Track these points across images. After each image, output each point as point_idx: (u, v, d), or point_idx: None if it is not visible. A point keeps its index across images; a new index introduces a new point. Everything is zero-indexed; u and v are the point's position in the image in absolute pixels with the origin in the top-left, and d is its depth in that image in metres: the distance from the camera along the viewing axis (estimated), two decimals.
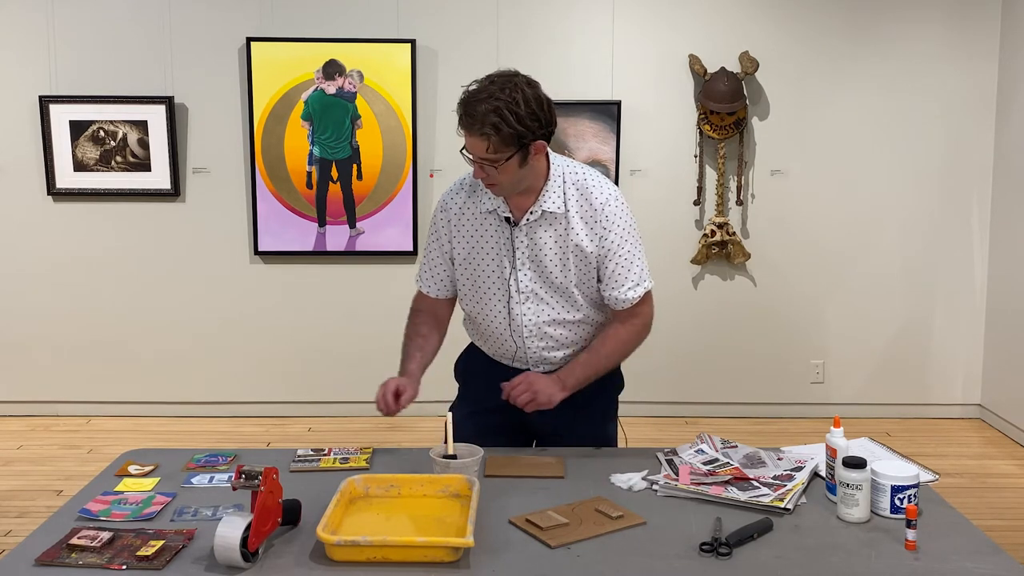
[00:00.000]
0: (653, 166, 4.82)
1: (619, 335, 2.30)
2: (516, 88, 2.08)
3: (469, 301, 2.35)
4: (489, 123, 2.04)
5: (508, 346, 2.33)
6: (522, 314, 2.27)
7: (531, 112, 2.09)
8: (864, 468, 1.86)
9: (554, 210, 2.20)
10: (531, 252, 2.23)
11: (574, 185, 2.23)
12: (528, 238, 2.22)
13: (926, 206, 4.88)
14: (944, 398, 5.01)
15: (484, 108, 2.04)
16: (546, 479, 2.10)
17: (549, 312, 2.27)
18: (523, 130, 2.08)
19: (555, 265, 2.23)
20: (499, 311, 2.29)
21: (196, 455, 2.25)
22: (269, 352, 4.93)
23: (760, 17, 4.74)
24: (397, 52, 4.68)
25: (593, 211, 2.21)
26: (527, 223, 2.22)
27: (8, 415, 4.95)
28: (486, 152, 2.08)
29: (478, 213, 2.26)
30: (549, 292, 2.26)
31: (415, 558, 1.68)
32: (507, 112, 2.05)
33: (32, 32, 4.69)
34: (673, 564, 1.70)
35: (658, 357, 4.96)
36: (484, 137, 2.06)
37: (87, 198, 4.81)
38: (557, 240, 2.22)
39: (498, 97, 2.05)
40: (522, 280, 2.24)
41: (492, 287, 2.28)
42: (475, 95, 2.07)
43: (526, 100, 2.09)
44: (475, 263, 2.28)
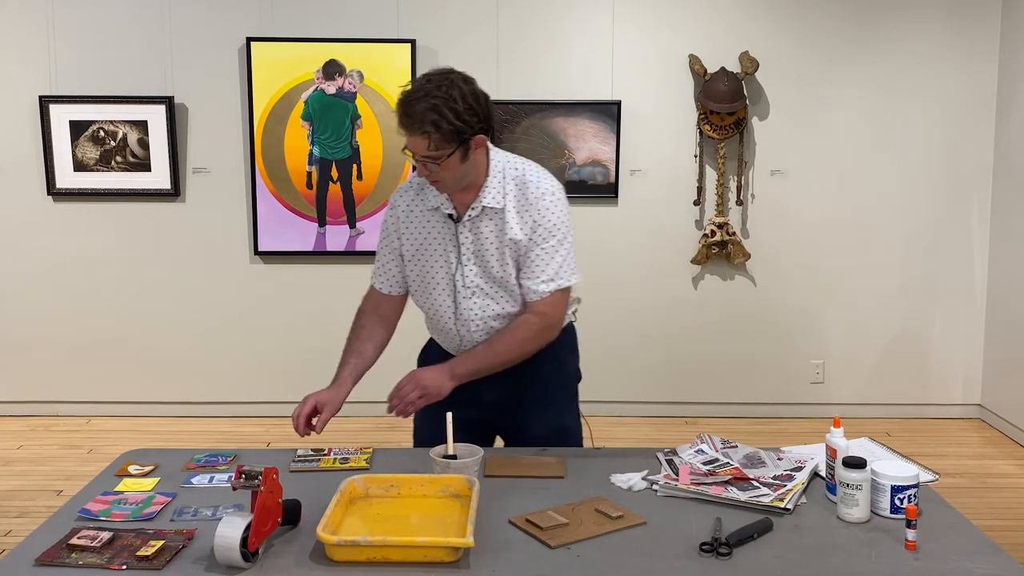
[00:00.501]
0: (653, 166, 4.82)
1: (517, 334, 2.28)
2: (452, 85, 2.11)
3: (419, 297, 2.39)
4: (428, 121, 2.07)
5: (455, 340, 2.37)
6: (468, 308, 2.30)
7: (468, 107, 2.11)
8: (864, 468, 1.86)
9: (494, 205, 2.24)
10: (475, 247, 2.27)
11: (513, 180, 2.26)
12: (471, 233, 2.26)
13: (926, 206, 4.88)
14: (944, 398, 5.01)
15: (422, 107, 2.07)
16: (546, 479, 2.10)
17: (494, 307, 2.30)
18: (462, 125, 2.10)
19: (496, 260, 2.26)
20: (447, 306, 2.33)
21: (196, 455, 2.25)
22: (269, 352, 4.93)
23: (760, 17, 4.74)
24: (397, 52, 4.68)
25: (527, 204, 2.24)
26: (469, 219, 2.25)
27: (8, 415, 4.95)
28: (428, 150, 2.11)
29: (424, 210, 2.30)
30: (493, 286, 2.29)
31: (415, 558, 1.68)
32: (445, 109, 2.07)
33: (32, 32, 4.69)
34: (673, 564, 1.70)
35: (658, 357, 4.97)
36: (425, 135, 2.09)
37: (87, 198, 4.81)
38: (497, 235, 2.25)
39: (435, 95, 2.08)
40: (467, 275, 2.28)
41: (440, 283, 2.32)
42: (412, 95, 2.10)
43: (463, 96, 2.11)
44: (423, 259, 2.32)
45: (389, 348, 2.44)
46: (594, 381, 4.91)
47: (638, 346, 4.94)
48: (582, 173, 4.78)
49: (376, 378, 2.54)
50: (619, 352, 4.95)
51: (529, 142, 4.73)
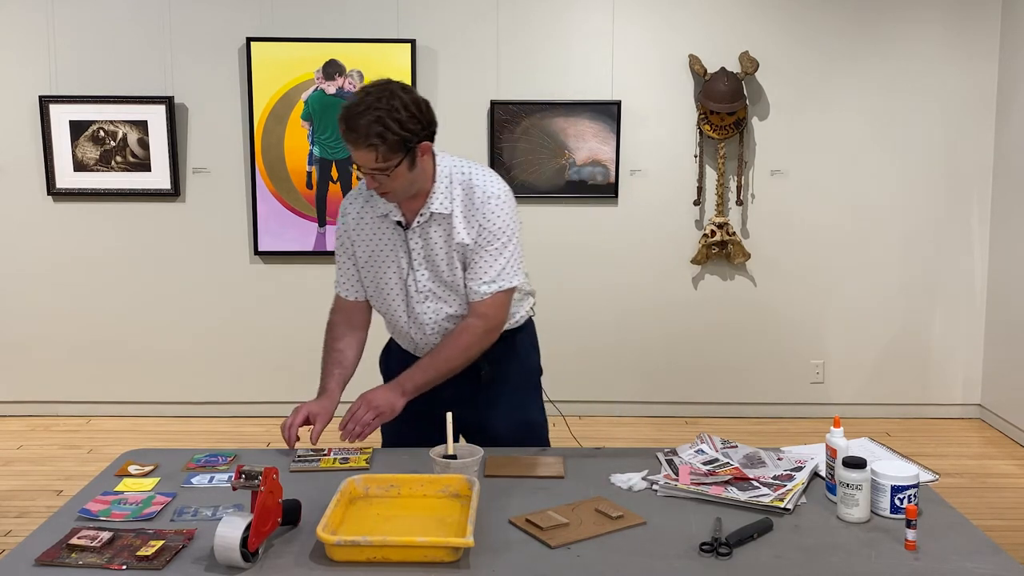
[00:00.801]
0: (653, 166, 4.82)
1: (461, 340, 2.30)
2: (393, 95, 2.11)
3: (374, 301, 2.42)
4: (374, 133, 2.08)
5: (411, 342, 2.42)
6: (422, 312, 2.33)
7: (411, 115, 2.13)
8: (864, 468, 1.86)
9: (442, 211, 2.26)
10: (425, 253, 2.29)
11: (460, 184, 2.28)
12: (421, 239, 2.29)
13: (926, 206, 4.88)
14: (944, 398, 5.01)
15: (366, 120, 2.08)
16: (546, 479, 2.10)
17: (447, 309, 2.33)
18: (407, 135, 2.12)
19: (445, 264, 2.29)
20: (400, 310, 2.36)
21: (196, 455, 2.26)
22: (269, 352, 4.93)
23: (760, 17, 4.74)
24: (397, 52, 4.68)
25: (474, 208, 2.26)
26: (418, 225, 2.27)
27: (8, 415, 4.95)
28: (376, 162, 2.12)
29: (374, 218, 2.33)
30: (445, 290, 2.32)
31: (415, 558, 1.68)
32: (389, 120, 2.08)
33: (32, 32, 4.69)
34: (673, 564, 1.70)
35: (658, 357, 4.97)
36: (371, 148, 2.10)
37: (87, 198, 4.81)
38: (446, 240, 2.28)
39: (377, 107, 2.08)
40: (419, 280, 2.31)
41: (394, 288, 2.34)
42: (354, 109, 2.10)
43: (404, 105, 2.12)
44: (376, 266, 2.35)
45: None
46: (594, 381, 4.97)
47: (638, 346, 4.95)
48: (582, 173, 4.78)
49: (375, 379, 2.54)
50: (619, 352, 4.95)
51: (529, 142, 4.73)
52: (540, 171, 4.76)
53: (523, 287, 2.42)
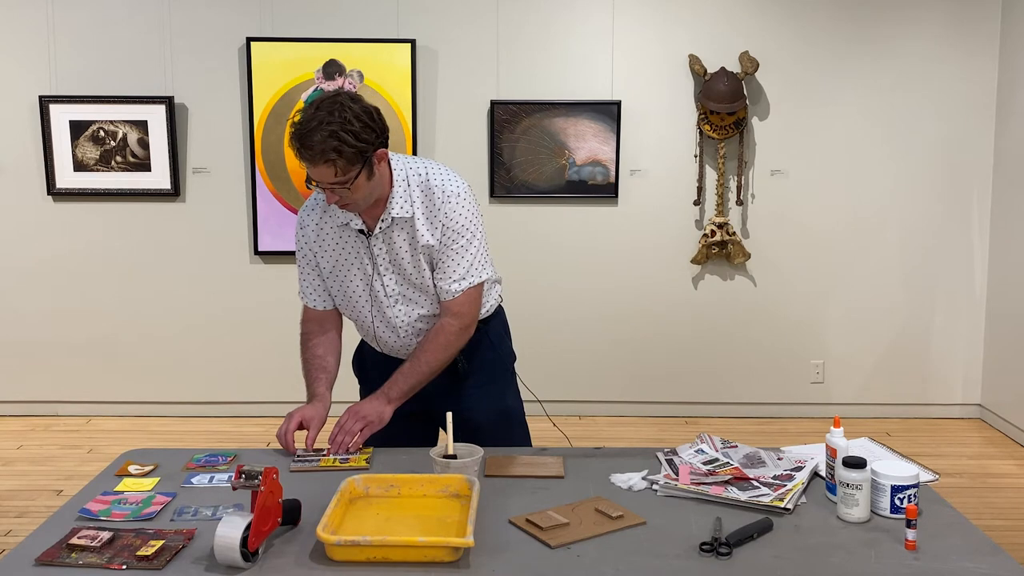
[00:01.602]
0: (653, 166, 4.82)
1: (439, 340, 2.32)
2: (343, 108, 2.09)
3: (344, 309, 2.43)
4: (330, 148, 2.07)
5: (383, 345, 2.43)
6: (395, 316, 2.34)
7: (365, 125, 2.11)
8: (864, 468, 1.86)
9: (403, 215, 2.25)
10: (390, 257, 2.30)
11: (418, 186, 2.27)
12: (384, 245, 2.29)
13: (926, 206, 4.88)
14: (944, 398, 5.01)
15: (320, 136, 2.06)
16: (546, 479, 2.10)
17: (419, 310, 2.34)
18: (363, 145, 2.11)
19: (412, 267, 2.29)
20: (369, 316, 2.37)
21: (196, 455, 2.26)
22: (269, 352, 4.93)
23: (760, 17, 4.74)
24: (397, 52, 4.68)
25: (434, 208, 2.26)
26: (380, 231, 2.27)
27: (8, 415, 4.95)
28: (335, 177, 2.11)
29: (334, 227, 2.32)
30: (414, 291, 2.33)
31: (415, 558, 1.68)
32: (343, 133, 2.07)
33: (32, 32, 4.69)
34: (673, 564, 1.70)
35: (658, 357, 4.97)
36: (329, 163, 2.09)
37: (87, 198, 4.81)
38: (410, 244, 2.28)
39: (329, 122, 2.07)
40: (388, 285, 2.32)
41: (361, 295, 2.35)
42: (306, 127, 2.08)
43: (356, 116, 2.10)
44: (341, 275, 2.35)
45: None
46: (594, 381, 4.97)
47: (638, 346, 4.94)
48: (582, 173, 4.78)
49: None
50: (619, 352, 4.95)
51: (529, 142, 4.73)
52: (540, 171, 4.77)
53: (490, 276, 2.43)
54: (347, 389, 2.61)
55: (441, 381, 2.37)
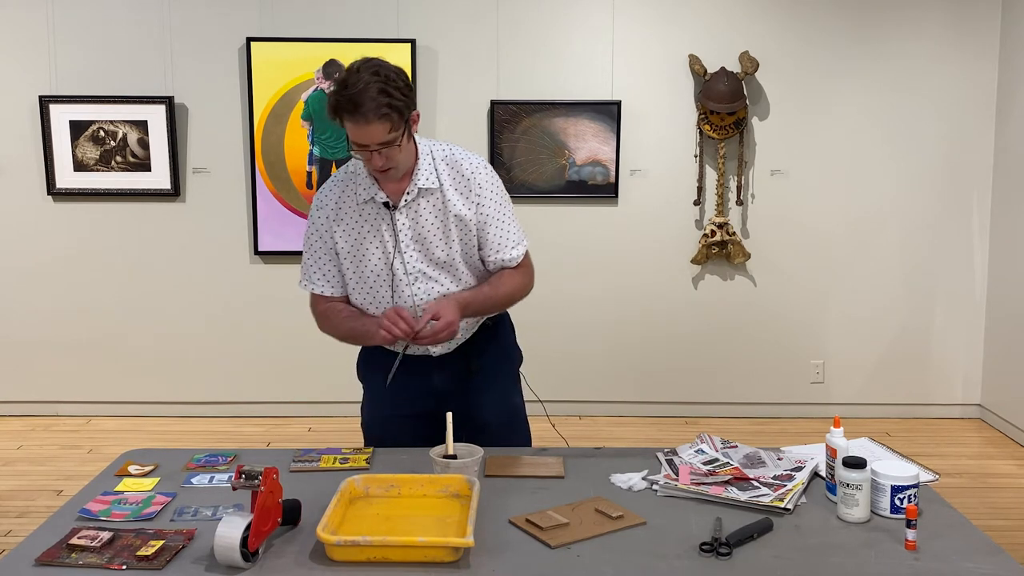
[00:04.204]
0: (653, 166, 4.82)
1: (515, 278, 2.37)
2: (381, 66, 2.13)
3: (357, 292, 2.36)
4: (383, 104, 2.09)
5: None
6: (413, 295, 2.31)
7: (405, 83, 2.16)
8: (864, 468, 1.86)
9: (429, 186, 2.27)
10: (414, 232, 2.29)
11: (443, 160, 2.30)
12: (409, 219, 2.28)
13: (926, 206, 4.88)
14: (944, 398, 5.01)
15: (371, 94, 2.08)
16: (546, 479, 2.10)
17: (439, 288, 2.32)
18: (408, 100, 2.15)
19: (439, 239, 2.29)
20: (384, 297, 2.32)
21: (196, 455, 2.26)
22: (269, 352, 4.93)
23: (760, 17, 4.74)
24: (397, 52, 4.68)
25: (465, 180, 2.29)
26: (406, 204, 2.27)
27: (8, 415, 4.95)
28: (387, 134, 2.13)
29: (355, 204, 2.31)
30: (435, 269, 2.31)
31: (415, 558, 1.68)
32: (391, 88, 2.11)
33: (32, 32, 4.69)
34: (673, 564, 1.70)
35: (658, 357, 4.97)
36: (384, 119, 2.10)
37: (87, 198, 4.81)
38: (437, 215, 2.28)
39: (375, 80, 2.09)
40: (408, 262, 2.30)
41: (380, 273, 2.32)
42: (354, 88, 2.08)
43: (396, 73, 2.15)
44: (360, 253, 2.32)
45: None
46: (594, 381, 4.97)
47: (638, 346, 4.94)
48: (582, 173, 4.78)
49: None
50: (619, 352, 4.95)
51: (529, 142, 4.73)
52: (540, 171, 4.76)
53: None
54: (348, 391, 2.60)
55: (452, 381, 2.37)
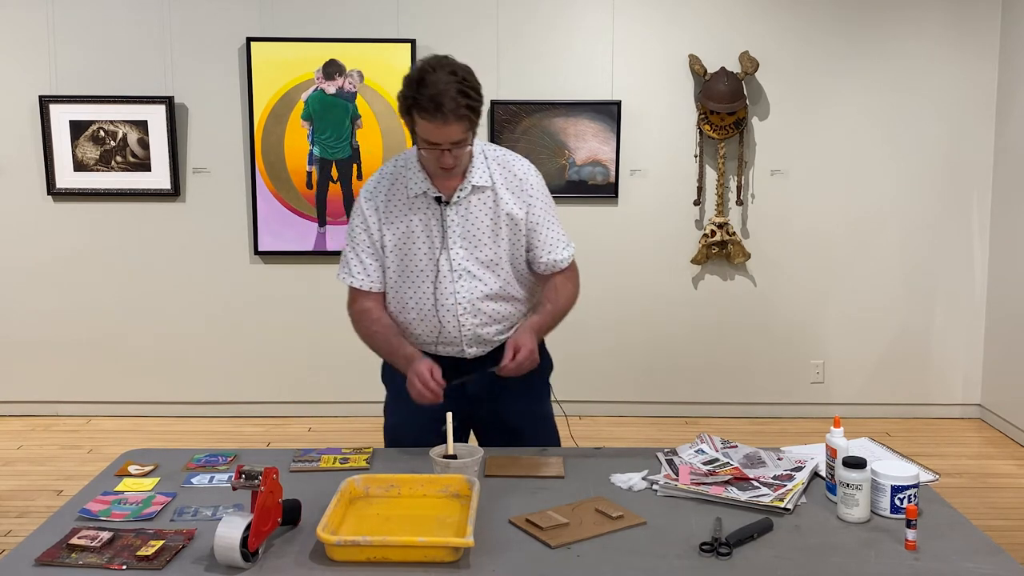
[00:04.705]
0: (653, 166, 4.82)
1: (568, 286, 2.42)
2: (454, 65, 2.15)
3: (397, 287, 2.35)
4: (463, 105, 2.11)
5: (434, 327, 2.34)
6: (455, 292, 2.31)
7: (477, 82, 2.18)
8: (864, 468, 1.86)
9: (483, 184, 2.28)
10: (462, 229, 2.29)
11: (495, 160, 2.33)
12: (459, 216, 2.29)
13: (926, 206, 4.88)
14: (944, 398, 5.01)
15: (452, 93, 2.09)
16: (546, 479, 2.10)
17: (482, 288, 2.32)
18: (481, 100, 2.18)
19: (488, 237, 2.30)
20: (426, 293, 2.32)
21: (196, 455, 2.26)
22: (269, 352, 4.93)
23: (760, 17, 4.74)
24: (397, 52, 4.68)
25: (518, 181, 2.32)
26: (458, 200, 2.28)
27: (8, 415, 4.95)
28: (463, 134, 2.15)
29: (405, 198, 2.31)
30: (480, 268, 2.31)
31: (415, 558, 1.68)
32: (469, 89, 2.13)
33: (32, 32, 4.69)
34: (673, 564, 1.70)
35: (658, 357, 4.97)
36: (463, 119, 2.12)
37: (87, 198, 4.81)
38: (488, 213, 2.30)
39: (453, 80, 2.10)
40: (454, 259, 2.30)
41: (423, 269, 2.31)
42: (431, 87, 2.10)
43: (469, 72, 2.17)
44: (406, 247, 2.32)
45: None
46: (594, 381, 4.97)
47: (638, 346, 4.94)
48: (582, 173, 4.78)
49: (375, 379, 2.54)
50: (619, 352, 4.95)
51: (529, 142, 4.73)
52: (540, 171, 4.72)
53: None
54: (348, 391, 2.60)
55: (484, 384, 2.34)
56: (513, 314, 2.40)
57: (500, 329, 2.37)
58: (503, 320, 2.37)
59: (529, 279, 2.41)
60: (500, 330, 2.37)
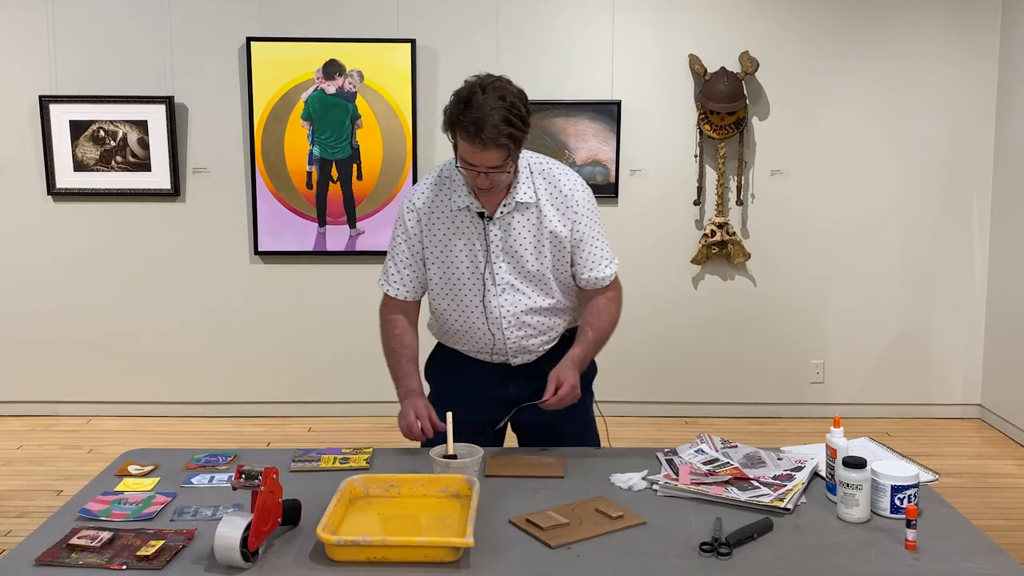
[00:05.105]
0: (653, 166, 4.82)
1: (610, 308, 2.38)
2: (506, 91, 2.11)
3: (443, 299, 2.35)
4: (504, 135, 2.07)
5: (486, 340, 2.35)
6: (500, 306, 2.30)
7: (527, 110, 2.14)
8: (864, 468, 1.86)
9: (527, 200, 2.25)
10: (505, 244, 2.27)
11: (541, 175, 2.29)
12: (502, 231, 2.27)
13: (926, 206, 4.88)
14: (944, 398, 5.01)
15: (495, 120, 2.05)
16: (546, 479, 2.10)
17: (526, 301, 2.31)
18: (526, 130, 2.13)
19: (530, 254, 2.27)
20: (475, 306, 2.31)
21: (196, 455, 2.26)
22: (269, 352, 4.93)
23: (760, 17, 4.74)
24: (397, 52, 4.68)
25: (563, 197, 2.28)
26: (501, 215, 2.25)
27: (8, 415, 4.95)
28: (503, 161, 2.11)
29: (449, 211, 2.29)
30: (524, 282, 2.30)
31: (415, 558, 1.68)
32: (514, 119, 2.08)
33: (32, 32, 4.69)
34: (673, 564, 1.70)
35: (658, 357, 4.97)
36: (502, 148, 2.08)
37: (87, 198, 4.81)
38: (531, 229, 2.27)
39: (500, 106, 2.07)
40: (498, 273, 2.28)
41: (467, 283, 2.30)
42: (479, 111, 2.06)
43: (520, 99, 2.13)
44: (448, 260, 2.31)
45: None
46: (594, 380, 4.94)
47: (638, 346, 4.94)
48: (582, 173, 4.75)
49: (376, 378, 2.54)
50: (620, 352, 4.92)
51: (529, 142, 4.70)
52: None
53: None
54: (348, 391, 2.60)
55: (528, 388, 2.32)
56: (559, 324, 2.38)
57: (545, 340, 2.37)
58: (548, 331, 2.36)
59: (575, 289, 2.38)
60: (545, 341, 2.37)
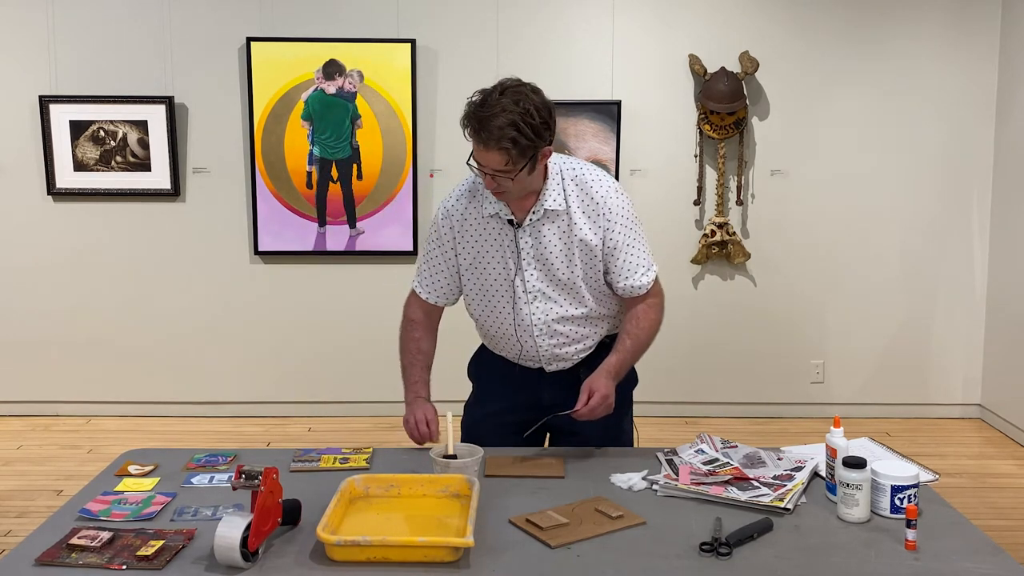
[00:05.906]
0: (653, 166, 4.82)
1: (650, 316, 2.32)
2: (527, 99, 2.08)
3: (476, 305, 2.36)
4: (507, 138, 2.04)
5: (515, 346, 2.34)
6: (531, 314, 2.28)
7: (543, 122, 2.10)
8: (864, 468, 1.86)
9: (556, 208, 2.22)
10: (536, 252, 2.24)
11: (573, 181, 2.25)
12: (532, 238, 2.24)
13: (926, 206, 4.88)
14: (944, 398, 5.01)
15: (500, 122, 2.04)
16: (546, 479, 2.10)
17: (557, 310, 2.28)
18: (537, 140, 2.09)
19: (561, 262, 2.24)
20: (506, 313, 2.30)
21: (196, 455, 2.26)
22: (269, 352, 4.93)
23: (760, 17, 4.74)
24: (397, 52, 4.68)
25: (595, 204, 2.23)
26: (530, 223, 2.23)
27: (8, 415, 4.95)
28: (503, 166, 2.09)
29: (480, 218, 2.27)
30: (556, 290, 2.27)
31: (415, 558, 1.68)
32: (523, 124, 2.05)
33: (32, 32, 4.69)
34: (673, 564, 1.70)
35: (658, 357, 4.90)
36: (503, 151, 2.06)
37: (87, 198, 4.81)
38: (561, 237, 2.23)
39: (512, 110, 2.05)
40: (529, 280, 2.26)
41: (499, 290, 2.29)
42: (488, 109, 2.05)
43: (538, 109, 2.09)
44: (480, 267, 2.30)
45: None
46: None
47: None
48: None
49: (376, 378, 2.54)
50: None
51: None
52: None
53: None
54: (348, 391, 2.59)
55: (562, 393, 2.30)
56: (596, 333, 2.35)
57: (579, 349, 2.34)
58: (581, 339, 2.32)
59: (613, 296, 2.34)
60: (580, 350, 2.34)
